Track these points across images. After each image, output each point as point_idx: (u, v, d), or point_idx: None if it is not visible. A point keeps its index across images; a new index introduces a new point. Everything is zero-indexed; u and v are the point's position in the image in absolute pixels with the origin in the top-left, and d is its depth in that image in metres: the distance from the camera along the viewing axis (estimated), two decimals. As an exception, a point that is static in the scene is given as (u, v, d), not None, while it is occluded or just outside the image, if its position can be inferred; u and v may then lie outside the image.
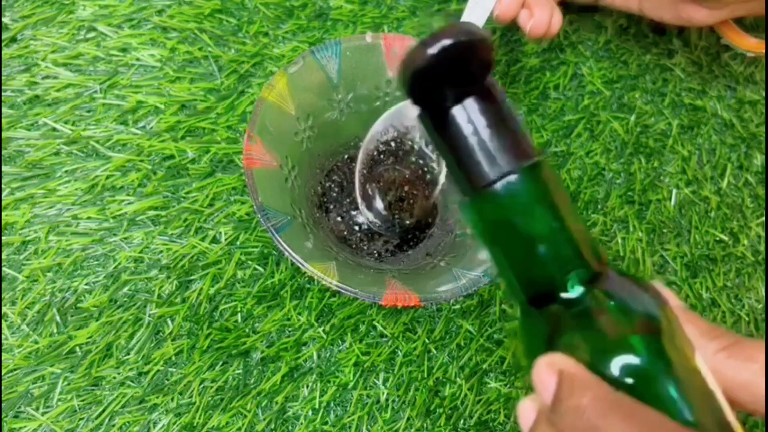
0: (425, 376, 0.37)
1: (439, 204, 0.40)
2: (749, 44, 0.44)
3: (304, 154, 0.36)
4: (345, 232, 0.39)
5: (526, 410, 0.21)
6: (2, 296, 0.35)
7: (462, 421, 0.36)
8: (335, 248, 0.36)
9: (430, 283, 0.32)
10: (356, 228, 0.39)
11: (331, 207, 0.39)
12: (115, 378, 0.34)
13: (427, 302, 0.30)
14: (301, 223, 0.33)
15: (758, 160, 0.47)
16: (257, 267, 0.38)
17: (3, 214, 0.37)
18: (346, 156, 0.40)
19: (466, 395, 0.37)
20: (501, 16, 0.39)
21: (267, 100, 0.33)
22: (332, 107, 0.37)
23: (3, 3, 0.42)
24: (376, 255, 0.38)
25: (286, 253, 0.29)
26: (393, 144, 0.39)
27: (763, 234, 0.44)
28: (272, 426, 0.35)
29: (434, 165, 0.39)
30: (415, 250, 0.38)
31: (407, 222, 0.39)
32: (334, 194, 0.39)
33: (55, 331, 0.35)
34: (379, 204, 0.39)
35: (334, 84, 0.36)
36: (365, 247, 0.38)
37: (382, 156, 0.39)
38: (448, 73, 0.16)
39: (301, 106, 0.35)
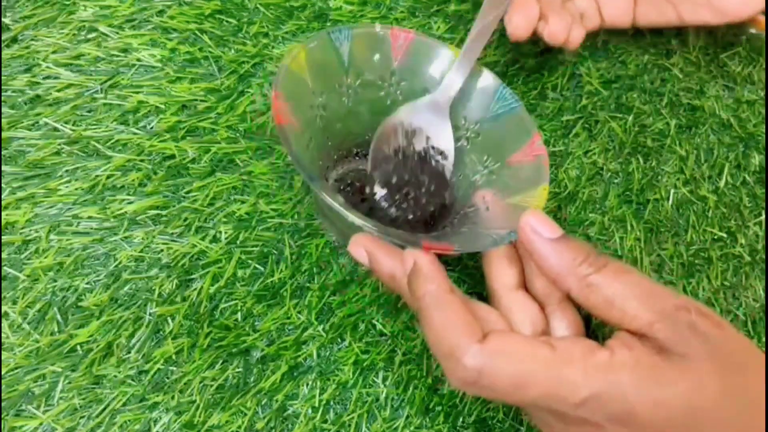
0: (424, 374, 0.37)
1: (450, 196, 0.40)
2: None
3: (317, 131, 0.36)
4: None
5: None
6: (3, 295, 0.35)
7: (461, 419, 0.36)
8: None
9: (459, 240, 0.32)
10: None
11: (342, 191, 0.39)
12: (115, 376, 0.35)
13: (462, 250, 0.30)
14: (327, 183, 0.33)
15: (756, 159, 0.47)
16: (257, 266, 0.38)
17: (4, 213, 0.37)
18: (354, 150, 0.40)
19: (464, 393, 0.37)
20: (514, 35, 0.39)
21: (290, 68, 0.33)
22: (341, 91, 0.37)
23: (4, 3, 0.42)
24: None
25: (327, 200, 0.28)
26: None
27: (760, 233, 0.44)
28: (272, 424, 0.35)
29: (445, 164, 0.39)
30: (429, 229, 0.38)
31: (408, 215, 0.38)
32: (345, 187, 0.39)
33: (55, 329, 0.35)
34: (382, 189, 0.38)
35: (344, 67, 0.36)
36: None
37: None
38: None
39: (315, 82, 0.35)
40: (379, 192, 0.37)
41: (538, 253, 0.28)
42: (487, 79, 0.38)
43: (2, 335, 0.35)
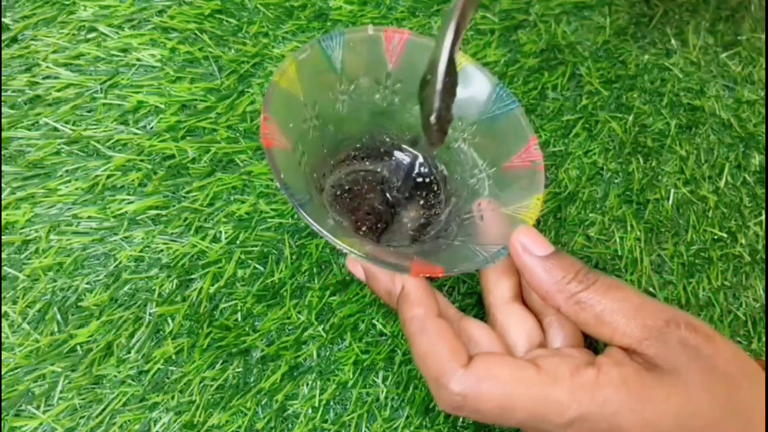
0: (424, 374, 0.37)
1: (445, 191, 0.40)
2: None
3: (310, 143, 0.36)
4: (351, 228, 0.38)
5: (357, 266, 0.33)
6: (3, 295, 0.35)
7: (461, 420, 0.36)
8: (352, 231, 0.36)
9: (450, 258, 0.32)
10: (363, 227, 0.39)
11: (339, 201, 0.39)
12: (115, 376, 0.35)
13: (451, 273, 0.30)
14: (319, 202, 0.33)
15: (756, 159, 0.47)
16: (257, 266, 0.38)
17: (4, 213, 0.37)
18: (352, 154, 0.40)
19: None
20: None
21: (279, 85, 0.33)
22: (335, 98, 0.37)
23: (4, 3, 0.42)
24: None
25: (314, 228, 0.28)
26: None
27: (761, 233, 0.44)
28: (272, 424, 0.35)
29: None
30: (426, 237, 0.38)
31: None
32: (342, 193, 0.39)
33: (55, 329, 0.35)
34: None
35: (338, 74, 0.36)
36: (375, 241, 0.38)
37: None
38: None
39: (308, 94, 0.35)
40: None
41: (528, 271, 0.28)
42: (485, 78, 0.38)
43: (2, 335, 0.35)
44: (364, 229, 0.37)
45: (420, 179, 0.40)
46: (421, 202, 0.40)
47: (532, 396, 0.25)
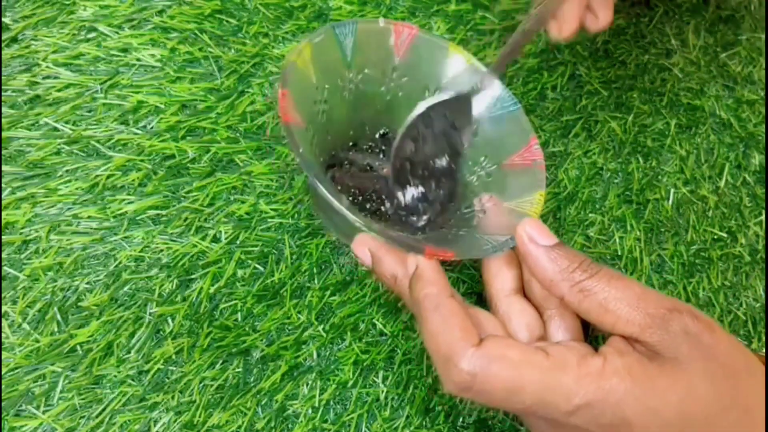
0: (424, 374, 0.37)
1: (444, 185, 0.40)
2: None
3: (319, 126, 0.36)
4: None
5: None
6: (3, 295, 0.35)
7: (461, 419, 0.36)
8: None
9: (457, 246, 0.32)
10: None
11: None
12: (115, 376, 0.35)
13: (462, 258, 0.30)
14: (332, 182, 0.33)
15: (756, 159, 0.47)
16: (257, 266, 0.38)
17: (4, 213, 0.37)
18: (366, 146, 0.40)
19: (465, 393, 0.37)
20: (564, 35, 0.36)
21: (296, 64, 0.33)
22: (343, 85, 0.37)
23: (4, 3, 0.42)
24: None
25: (334, 204, 0.29)
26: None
27: (761, 233, 0.44)
28: (272, 424, 0.35)
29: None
30: (427, 228, 0.38)
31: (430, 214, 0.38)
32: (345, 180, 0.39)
33: (56, 329, 0.35)
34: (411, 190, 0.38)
35: (347, 62, 0.36)
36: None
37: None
38: None
39: (319, 77, 0.35)
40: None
41: (533, 259, 0.28)
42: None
43: (2, 335, 0.35)
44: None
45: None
46: (421, 194, 0.40)
47: (541, 380, 0.25)
